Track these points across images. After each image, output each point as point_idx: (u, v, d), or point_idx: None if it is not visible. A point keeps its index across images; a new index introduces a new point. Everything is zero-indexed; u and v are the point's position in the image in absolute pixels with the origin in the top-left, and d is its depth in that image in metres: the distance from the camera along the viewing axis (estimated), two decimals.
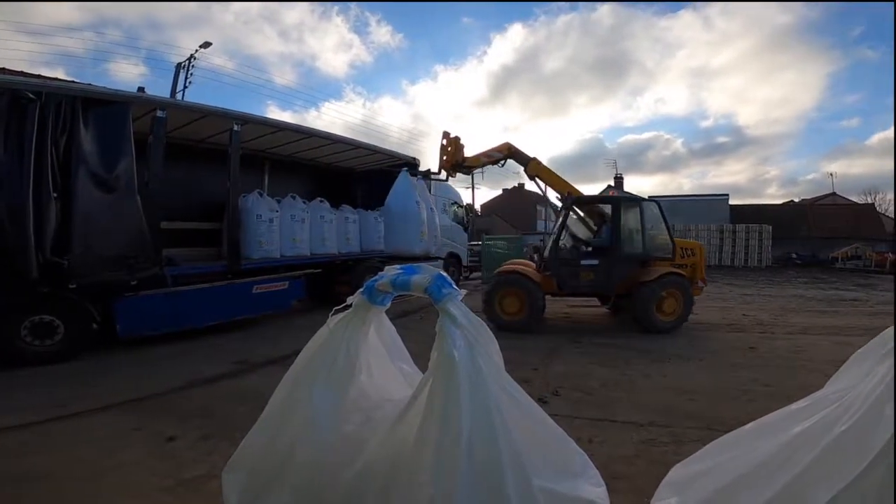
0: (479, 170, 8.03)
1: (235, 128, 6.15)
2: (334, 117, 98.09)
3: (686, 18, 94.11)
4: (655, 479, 2.06)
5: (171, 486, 2.32)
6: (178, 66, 19.62)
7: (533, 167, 7.49)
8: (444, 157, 7.82)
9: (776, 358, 4.99)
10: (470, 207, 13.84)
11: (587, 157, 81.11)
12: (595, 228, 7.19)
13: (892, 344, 1.35)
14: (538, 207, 40.56)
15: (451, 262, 12.08)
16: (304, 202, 7.38)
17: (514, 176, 38.88)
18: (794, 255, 23.83)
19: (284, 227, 6.86)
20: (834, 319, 7.58)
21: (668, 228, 6.80)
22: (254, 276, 6.40)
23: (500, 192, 44.53)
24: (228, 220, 6.27)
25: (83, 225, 4.62)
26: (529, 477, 1.45)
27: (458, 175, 8.20)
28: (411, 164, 9.26)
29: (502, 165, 7.86)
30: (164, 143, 5.39)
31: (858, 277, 16.98)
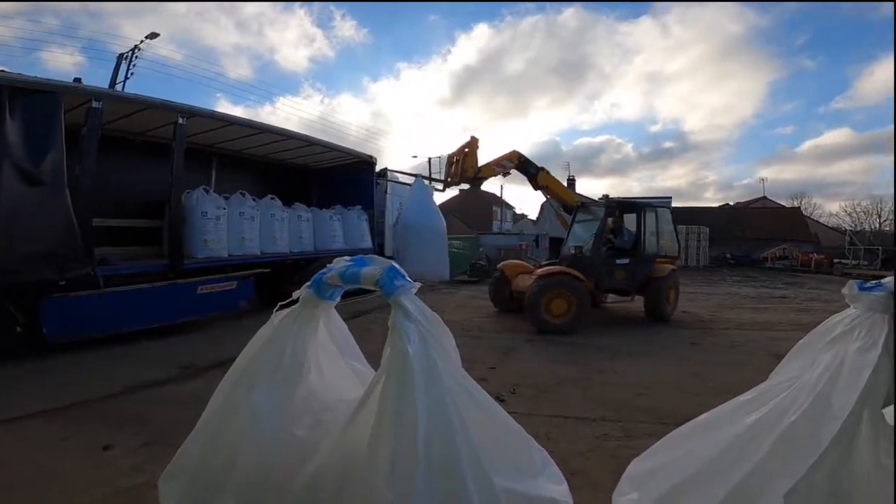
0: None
1: (181, 121, 5.83)
2: (290, 113, 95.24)
3: (645, 25, 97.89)
4: (610, 473, 2.10)
5: (107, 496, 2.16)
6: (120, 56, 18.66)
7: (543, 177, 7.58)
8: (470, 165, 7.42)
9: (716, 353, 5.28)
10: None
11: (543, 159, 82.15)
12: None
13: (835, 334, 1.43)
14: (494, 208, 41.11)
15: None
16: (254, 199, 7.09)
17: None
18: (728, 256, 25.46)
19: (232, 225, 6.57)
20: (765, 315, 8.13)
21: (675, 231, 7.70)
22: (199, 276, 6.09)
23: (456, 192, 44.72)
24: (170, 217, 5.94)
25: (4, 220, 4.23)
26: (490, 477, 1.40)
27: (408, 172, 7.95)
28: (368, 163, 9.14)
29: (506, 175, 7.79)
30: (99, 136, 5.05)
31: (786, 276, 18.39)
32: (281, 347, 1.68)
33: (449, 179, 8.01)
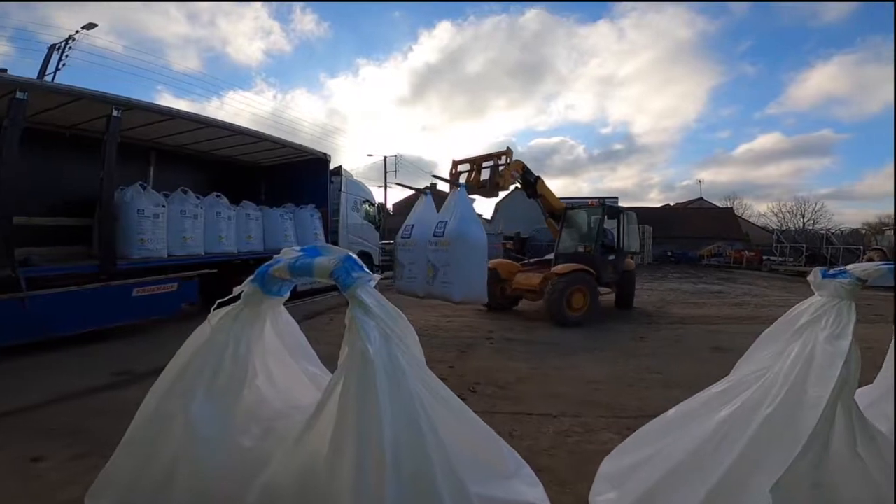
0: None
1: (115, 113, 5.40)
2: (239, 108, 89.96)
3: (603, 29, 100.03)
4: (574, 469, 2.09)
5: None
6: (52, 47, 17.25)
7: (541, 186, 7.89)
8: (508, 177, 7.30)
9: (663, 347, 5.50)
10: (382, 206, 13.60)
11: None
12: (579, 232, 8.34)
13: (802, 322, 1.46)
14: None
15: (363, 261, 11.76)
16: (198, 197, 6.69)
17: (426, 176, 38.93)
18: (669, 253, 26.92)
19: (173, 223, 6.17)
20: (704, 310, 8.70)
21: (638, 230, 8.95)
22: (135, 278, 5.68)
23: (412, 191, 44.36)
24: (101, 215, 5.50)
25: None
26: (465, 484, 1.31)
27: (366, 171, 7.68)
28: (322, 160, 8.87)
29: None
30: (24, 129, 4.61)
31: (721, 272, 19.67)
32: (220, 350, 1.53)
33: (474, 186, 7.67)
